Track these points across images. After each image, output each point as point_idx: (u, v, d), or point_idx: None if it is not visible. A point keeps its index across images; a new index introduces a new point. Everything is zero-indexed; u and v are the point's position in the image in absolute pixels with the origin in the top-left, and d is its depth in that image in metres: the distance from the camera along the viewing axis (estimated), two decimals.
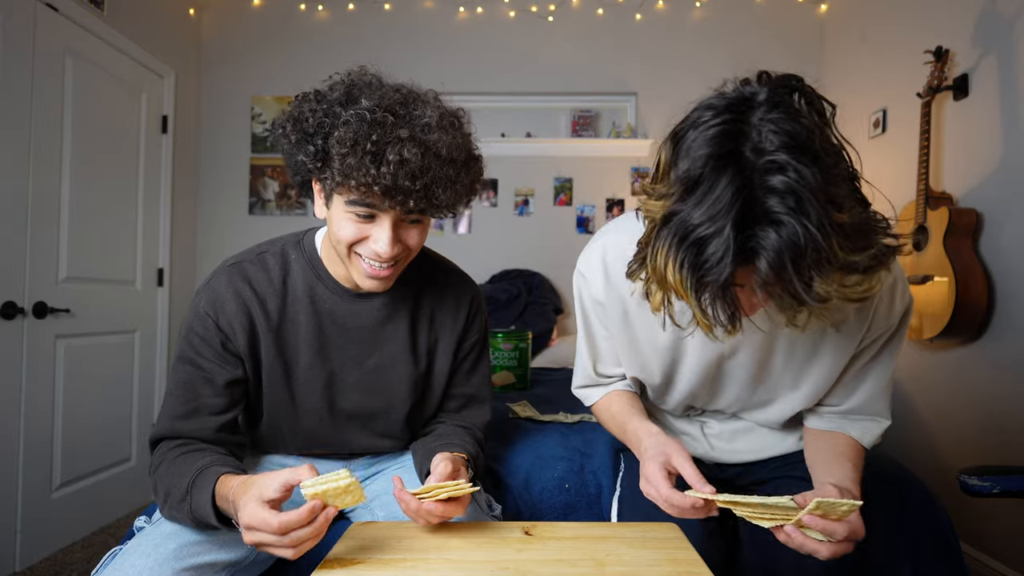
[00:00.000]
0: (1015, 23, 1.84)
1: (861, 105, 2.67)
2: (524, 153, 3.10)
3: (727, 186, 0.57)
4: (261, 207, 3.10)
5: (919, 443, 2.24)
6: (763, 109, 0.59)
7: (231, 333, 0.91)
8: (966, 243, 1.93)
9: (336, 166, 0.79)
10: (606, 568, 0.69)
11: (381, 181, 0.78)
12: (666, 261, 0.61)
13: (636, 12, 3.07)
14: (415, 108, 0.83)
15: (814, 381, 0.87)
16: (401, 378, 1.02)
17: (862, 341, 0.84)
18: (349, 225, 0.85)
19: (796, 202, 0.55)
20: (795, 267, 0.56)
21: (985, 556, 1.89)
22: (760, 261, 0.57)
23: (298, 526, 0.68)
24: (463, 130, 0.88)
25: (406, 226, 0.88)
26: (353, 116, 0.79)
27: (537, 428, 1.53)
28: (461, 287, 1.08)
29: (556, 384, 2.27)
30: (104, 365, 2.37)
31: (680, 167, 0.61)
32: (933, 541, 1.09)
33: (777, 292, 0.59)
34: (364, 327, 0.99)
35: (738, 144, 0.58)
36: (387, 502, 1.01)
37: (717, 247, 0.57)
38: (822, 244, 0.55)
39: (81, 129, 2.22)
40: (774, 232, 0.55)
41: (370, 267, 0.87)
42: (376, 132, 0.78)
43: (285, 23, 3.12)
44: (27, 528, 1.97)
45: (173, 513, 0.82)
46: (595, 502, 1.19)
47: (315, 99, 0.84)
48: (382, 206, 0.82)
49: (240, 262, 0.96)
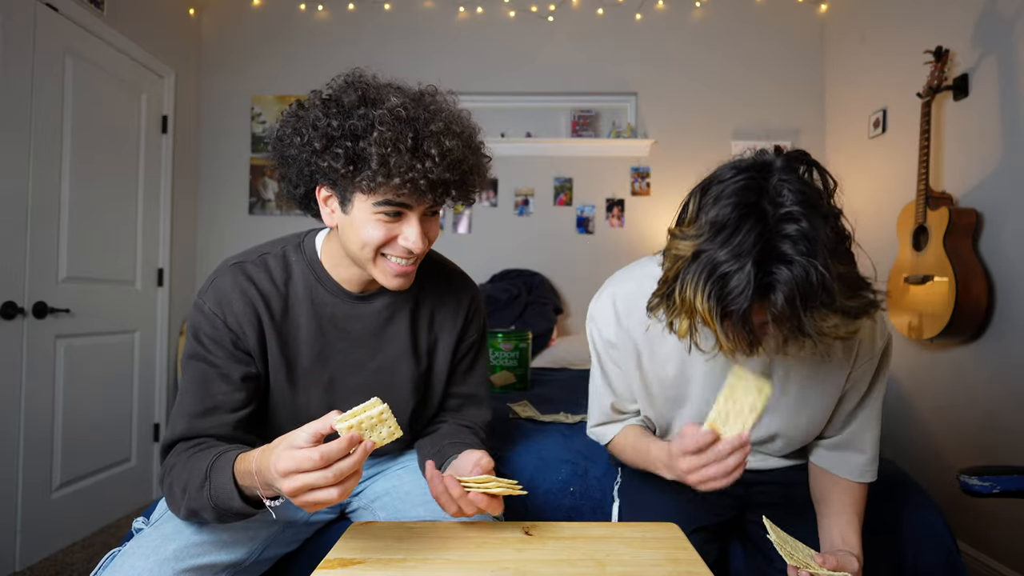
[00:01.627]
0: (1015, 23, 1.84)
1: (861, 105, 2.67)
2: (524, 153, 3.10)
3: (749, 231, 0.66)
4: (261, 207, 3.10)
5: (919, 443, 2.24)
6: (780, 172, 0.70)
7: (240, 332, 0.90)
8: (966, 243, 1.93)
9: (375, 166, 0.79)
10: (606, 568, 0.69)
11: (427, 175, 0.80)
12: (695, 292, 0.70)
13: (636, 12, 3.07)
14: (432, 104, 0.85)
15: (811, 413, 0.94)
16: (403, 380, 1.01)
17: (851, 373, 0.91)
18: (378, 227, 0.84)
19: (807, 247, 0.65)
20: (803, 303, 0.65)
21: (985, 556, 1.89)
22: (776, 295, 0.66)
23: (340, 456, 0.65)
24: (472, 121, 0.92)
25: (428, 219, 0.89)
26: (387, 115, 0.79)
27: (538, 429, 1.53)
28: (462, 289, 1.08)
29: (556, 384, 2.27)
30: (104, 365, 2.37)
31: (708, 213, 0.71)
32: (931, 542, 1.09)
33: (785, 325, 0.68)
34: (366, 329, 0.98)
35: (759, 197, 0.68)
36: (388, 503, 1.01)
37: (740, 281, 0.66)
38: (827, 285, 0.65)
39: (81, 129, 2.23)
40: (787, 271, 0.65)
41: (398, 265, 0.88)
42: (412, 128, 0.80)
43: (285, 23, 3.12)
44: (27, 528, 1.97)
45: (192, 505, 0.78)
46: (599, 507, 1.19)
47: (330, 104, 0.83)
48: (421, 200, 0.84)
49: (242, 262, 0.95)
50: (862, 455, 0.96)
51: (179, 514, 0.82)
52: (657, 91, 3.07)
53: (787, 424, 0.95)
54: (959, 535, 1.99)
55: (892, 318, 2.18)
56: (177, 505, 0.81)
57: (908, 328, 2.09)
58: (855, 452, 0.96)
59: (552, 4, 3.10)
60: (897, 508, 1.13)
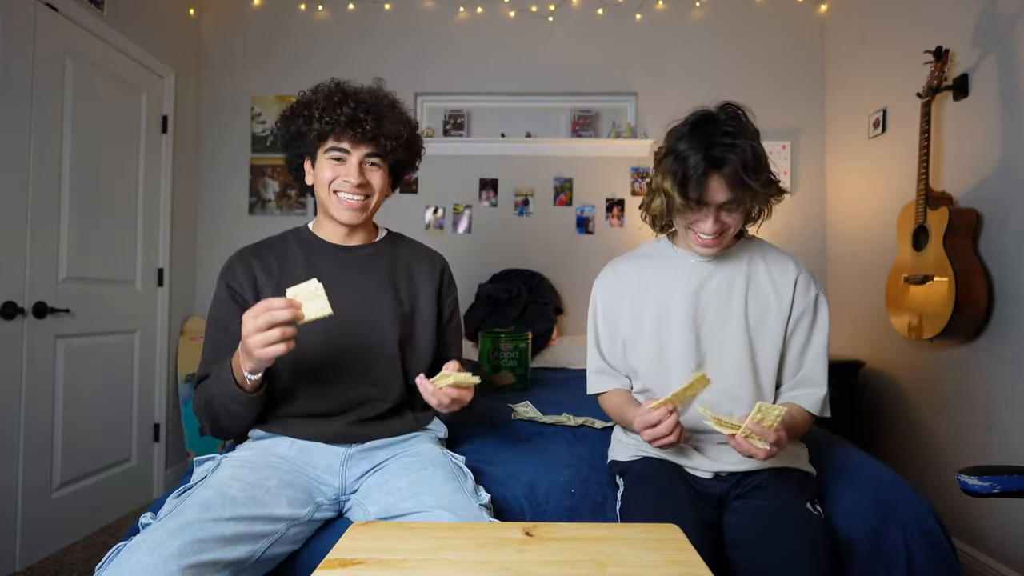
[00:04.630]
0: (1015, 23, 1.84)
1: (861, 105, 2.67)
2: (524, 153, 3.10)
3: (700, 133, 1.05)
4: (261, 207, 3.10)
5: (919, 443, 2.24)
6: (718, 109, 1.10)
7: (239, 288, 1.19)
8: (966, 243, 1.93)
9: (316, 116, 1.16)
10: (607, 569, 0.69)
11: (345, 114, 1.14)
12: (664, 173, 1.09)
13: (636, 12, 3.07)
14: (364, 84, 1.24)
15: (766, 350, 1.18)
16: (386, 311, 1.22)
17: (790, 314, 1.18)
18: (328, 170, 1.18)
19: (743, 140, 1.04)
20: (744, 167, 1.03)
21: (985, 556, 1.89)
22: (727, 167, 1.03)
23: (278, 308, 0.91)
24: (397, 97, 1.27)
25: (368, 168, 1.20)
26: (326, 90, 1.20)
27: (541, 432, 1.53)
28: (434, 256, 1.36)
29: (556, 384, 2.27)
30: (104, 365, 2.37)
31: (672, 135, 1.12)
32: (925, 541, 1.10)
33: (727, 183, 1.04)
34: (350, 269, 1.24)
35: (706, 119, 1.08)
36: (378, 497, 1.05)
37: (695, 159, 1.04)
38: (760, 158, 1.07)
39: (81, 129, 2.23)
40: (731, 152, 1.03)
41: (346, 200, 1.19)
42: (340, 91, 1.19)
43: (285, 23, 3.12)
44: (27, 528, 1.97)
45: (211, 409, 1.08)
46: (599, 509, 1.19)
47: (302, 97, 1.22)
48: (352, 144, 1.17)
49: (246, 247, 1.27)
50: (819, 389, 1.16)
51: (207, 429, 1.12)
52: (657, 91, 3.07)
53: (745, 354, 1.16)
54: (958, 535, 1.99)
55: (892, 318, 2.18)
56: (202, 419, 1.11)
57: (908, 328, 2.09)
58: (813, 387, 1.16)
59: (552, 4, 3.10)
60: (891, 507, 1.13)
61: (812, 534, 0.96)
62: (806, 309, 1.17)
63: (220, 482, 0.97)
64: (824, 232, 2.99)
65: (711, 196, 1.06)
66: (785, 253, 1.25)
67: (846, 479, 1.21)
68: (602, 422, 1.61)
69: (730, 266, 1.20)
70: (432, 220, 3.11)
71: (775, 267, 1.20)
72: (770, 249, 1.24)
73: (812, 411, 1.15)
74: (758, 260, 1.21)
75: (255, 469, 1.03)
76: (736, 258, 1.21)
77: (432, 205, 3.11)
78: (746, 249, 1.22)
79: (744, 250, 1.22)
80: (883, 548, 1.10)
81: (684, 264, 1.21)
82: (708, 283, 1.19)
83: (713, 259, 1.20)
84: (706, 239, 1.11)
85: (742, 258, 1.21)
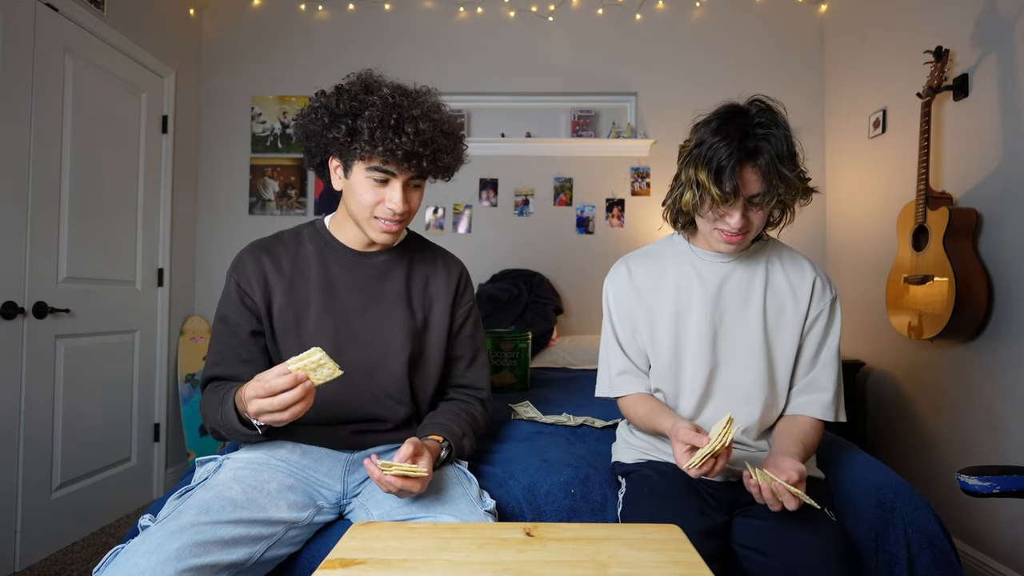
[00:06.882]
0: (1015, 23, 1.84)
1: (861, 105, 2.67)
2: (524, 153, 3.10)
3: (733, 125, 1.03)
4: (261, 207, 3.10)
5: (919, 443, 2.24)
6: (748, 103, 1.08)
7: (248, 289, 1.13)
8: (966, 243, 1.93)
9: (365, 138, 1.03)
10: (608, 569, 0.69)
11: (403, 147, 1.03)
12: (696, 165, 1.06)
13: (636, 12, 3.07)
14: (419, 96, 1.09)
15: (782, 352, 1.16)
16: (398, 325, 1.17)
17: (807, 317, 1.16)
18: (369, 191, 1.08)
19: (776, 130, 1.03)
20: (779, 158, 1.02)
21: (985, 556, 1.89)
22: (761, 157, 1.01)
23: (283, 389, 0.86)
24: (452, 115, 1.16)
25: (410, 189, 1.11)
26: (378, 100, 1.04)
27: (541, 432, 1.53)
28: (452, 262, 1.30)
29: (556, 384, 2.27)
30: (104, 365, 2.37)
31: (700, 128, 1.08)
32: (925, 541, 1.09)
33: (761, 174, 1.02)
34: (365, 279, 1.18)
35: (737, 111, 1.06)
36: (381, 500, 1.05)
37: (729, 149, 1.01)
38: (792, 150, 1.04)
39: (81, 129, 2.22)
40: (766, 141, 1.01)
41: (384, 224, 1.10)
42: (396, 112, 1.04)
43: (285, 23, 3.12)
44: (27, 528, 1.97)
45: (215, 428, 1.04)
46: (599, 510, 1.19)
47: (340, 91, 1.08)
48: (399, 169, 1.06)
49: (259, 240, 1.21)
50: (827, 393, 1.14)
51: (212, 435, 1.07)
52: (657, 91, 3.07)
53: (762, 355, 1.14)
54: (958, 535, 1.99)
55: (892, 318, 2.18)
56: (206, 424, 1.07)
57: (908, 328, 2.09)
58: (820, 392, 1.14)
59: (552, 4, 3.10)
60: (893, 509, 1.13)
61: (835, 538, 0.95)
62: (822, 312, 1.16)
63: (221, 484, 0.97)
64: (824, 232, 2.99)
65: (745, 187, 1.03)
66: (800, 255, 1.23)
67: (847, 480, 1.21)
68: (602, 422, 1.61)
69: (748, 267, 1.19)
70: (432, 220, 3.11)
71: (792, 269, 1.19)
72: (785, 250, 1.23)
73: (821, 417, 1.13)
74: (775, 261, 1.20)
75: (257, 471, 1.03)
76: (754, 259, 1.20)
77: (432, 205, 3.11)
78: (763, 251, 1.21)
79: (761, 251, 1.21)
80: (884, 549, 1.10)
81: (702, 263, 1.20)
82: (727, 283, 1.17)
83: (732, 259, 1.18)
84: (731, 235, 1.08)
85: (759, 259, 1.20)
